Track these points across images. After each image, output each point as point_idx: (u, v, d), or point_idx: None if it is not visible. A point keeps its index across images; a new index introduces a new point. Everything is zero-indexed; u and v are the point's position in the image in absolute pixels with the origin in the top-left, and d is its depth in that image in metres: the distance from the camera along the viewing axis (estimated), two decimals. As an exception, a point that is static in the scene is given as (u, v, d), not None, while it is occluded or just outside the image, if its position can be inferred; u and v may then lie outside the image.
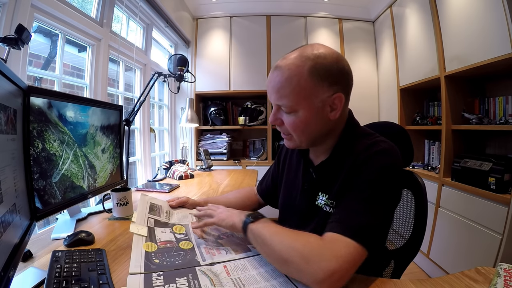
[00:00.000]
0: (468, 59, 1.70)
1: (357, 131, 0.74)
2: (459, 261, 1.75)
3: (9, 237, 0.48)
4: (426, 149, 2.41)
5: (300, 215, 0.80)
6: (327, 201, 0.72)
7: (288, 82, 0.65)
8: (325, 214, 0.71)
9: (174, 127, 3.08)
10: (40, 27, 1.44)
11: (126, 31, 2.16)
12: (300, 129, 0.69)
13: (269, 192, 1.03)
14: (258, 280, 0.59)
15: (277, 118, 0.72)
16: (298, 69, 0.64)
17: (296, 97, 0.65)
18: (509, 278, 0.58)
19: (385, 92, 2.90)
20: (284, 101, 0.67)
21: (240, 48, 3.04)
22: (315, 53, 0.65)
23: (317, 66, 0.64)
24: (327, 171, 0.74)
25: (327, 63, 0.65)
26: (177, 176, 1.91)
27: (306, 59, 0.65)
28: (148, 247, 0.69)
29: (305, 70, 0.64)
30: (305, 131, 0.69)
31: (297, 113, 0.67)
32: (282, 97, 0.67)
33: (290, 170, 0.89)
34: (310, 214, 0.76)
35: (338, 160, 0.71)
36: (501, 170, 1.49)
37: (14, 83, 0.56)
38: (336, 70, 0.66)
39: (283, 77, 0.66)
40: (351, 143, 0.70)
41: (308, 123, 0.68)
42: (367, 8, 3.08)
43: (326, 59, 0.65)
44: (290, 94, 0.65)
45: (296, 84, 0.65)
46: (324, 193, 0.74)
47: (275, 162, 1.02)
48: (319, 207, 0.74)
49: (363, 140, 0.70)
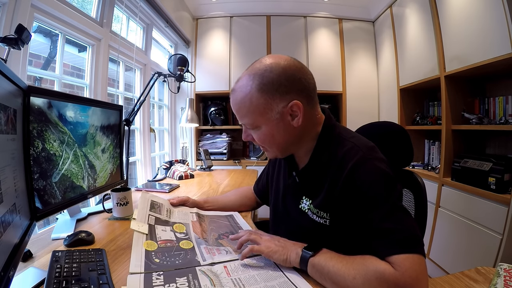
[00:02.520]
0: (468, 59, 1.70)
1: (334, 133, 0.73)
2: (459, 261, 1.75)
3: (9, 237, 0.48)
4: (426, 149, 2.41)
5: (288, 218, 0.81)
6: (312, 208, 0.72)
7: (242, 104, 0.69)
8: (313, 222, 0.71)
9: (174, 127, 3.08)
10: (40, 27, 1.44)
11: (126, 31, 2.16)
12: (267, 142, 0.72)
13: (264, 192, 1.04)
14: (258, 280, 0.59)
15: (248, 135, 0.75)
16: (247, 89, 0.68)
17: (253, 115, 0.69)
18: (509, 278, 0.58)
19: (385, 92, 2.90)
20: (245, 120, 0.71)
21: (240, 48, 3.04)
22: (262, 67, 0.68)
23: (264, 81, 0.66)
24: (309, 176, 0.74)
25: (274, 75, 0.66)
26: (177, 176, 1.91)
27: (253, 77, 0.67)
28: (148, 246, 0.69)
29: (253, 89, 0.67)
30: (273, 143, 0.72)
31: (260, 129, 0.71)
32: (242, 117, 0.71)
33: (279, 172, 0.90)
34: (296, 218, 0.77)
35: (319, 165, 0.72)
36: (501, 170, 1.49)
37: (14, 83, 0.56)
38: (285, 80, 0.66)
39: (237, 99, 0.70)
40: (330, 146, 0.71)
41: (272, 136, 0.70)
42: (367, 8, 3.08)
43: (273, 72, 0.66)
44: (247, 114, 0.69)
45: (249, 104, 0.68)
46: (307, 197, 0.75)
47: (268, 162, 1.03)
48: (303, 211, 0.75)
49: (341, 143, 0.69)
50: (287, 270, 0.63)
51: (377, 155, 0.66)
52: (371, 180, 0.62)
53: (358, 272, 0.55)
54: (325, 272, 0.58)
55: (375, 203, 0.60)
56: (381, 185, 0.61)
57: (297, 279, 0.60)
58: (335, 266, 0.58)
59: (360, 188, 0.62)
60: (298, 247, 0.65)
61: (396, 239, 0.56)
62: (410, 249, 0.54)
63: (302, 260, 0.62)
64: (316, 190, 0.72)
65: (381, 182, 0.61)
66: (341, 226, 0.67)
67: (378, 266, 0.54)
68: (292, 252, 0.64)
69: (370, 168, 0.63)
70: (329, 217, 0.69)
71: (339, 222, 0.67)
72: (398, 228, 0.57)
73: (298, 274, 0.62)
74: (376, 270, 0.54)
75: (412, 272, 0.52)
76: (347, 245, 0.63)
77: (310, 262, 0.61)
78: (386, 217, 0.58)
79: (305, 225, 0.74)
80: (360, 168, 0.63)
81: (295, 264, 0.63)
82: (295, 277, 0.61)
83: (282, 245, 0.67)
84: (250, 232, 0.75)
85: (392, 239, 0.56)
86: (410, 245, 0.55)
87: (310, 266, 0.61)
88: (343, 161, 0.65)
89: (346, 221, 0.65)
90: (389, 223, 0.58)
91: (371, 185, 0.61)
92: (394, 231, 0.57)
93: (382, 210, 0.59)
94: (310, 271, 0.61)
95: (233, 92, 0.72)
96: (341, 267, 0.57)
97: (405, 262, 0.53)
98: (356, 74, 3.02)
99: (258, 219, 2.23)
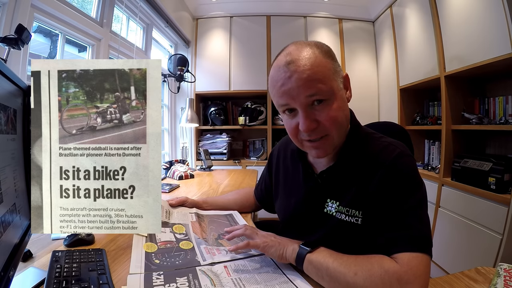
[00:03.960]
0: (468, 59, 1.70)
1: (362, 132, 0.72)
2: (459, 261, 1.75)
3: (9, 237, 0.48)
4: (426, 149, 2.41)
5: (305, 223, 0.76)
6: (340, 208, 0.68)
7: (316, 67, 0.60)
8: (341, 223, 0.67)
9: (174, 127, 3.08)
10: (40, 27, 1.44)
11: (126, 31, 2.16)
12: (339, 121, 0.63)
13: (263, 197, 1.02)
14: (258, 280, 0.59)
15: (312, 120, 0.62)
16: (314, 54, 0.61)
17: (329, 81, 0.61)
18: (509, 278, 0.58)
19: (385, 92, 2.90)
20: (318, 88, 0.60)
21: (240, 48, 3.04)
22: (311, 43, 0.65)
23: (323, 50, 0.64)
24: (335, 177, 0.70)
25: (326, 47, 0.65)
26: (177, 176, 1.91)
27: (310, 47, 0.63)
28: (148, 248, 0.69)
29: (319, 54, 0.62)
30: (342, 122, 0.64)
31: (333, 101, 0.62)
32: (316, 84, 0.60)
33: (287, 175, 0.84)
34: (318, 222, 0.72)
35: (347, 164, 0.69)
36: (501, 170, 1.49)
37: (14, 83, 0.56)
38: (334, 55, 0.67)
39: (306, 66, 0.60)
40: (359, 146, 0.69)
41: (342, 110, 0.64)
42: (367, 8, 3.08)
43: (323, 46, 0.65)
44: (324, 79, 0.60)
45: (322, 67, 0.61)
46: (333, 199, 0.69)
47: (267, 168, 0.98)
48: (330, 214, 0.69)
49: (372, 141, 0.68)
50: (288, 270, 0.63)
51: (411, 154, 0.66)
52: (408, 173, 0.62)
53: (360, 268, 0.54)
54: (324, 268, 0.57)
55: (407, 196, 0.60)
56: (416, 180, 0.62)
57: (298, 280, 0.60)
58: (335, 263, 0.57)
59: (398, 179, 0.61)
60: (295, 243, 0.64)
61: (412, 235, 0.56)
62: (421, 248, 0.55)
63: (299, 256, 0.61)
64: (344, 189, 0.68)
65: (416, 178, 0.62)
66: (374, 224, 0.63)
67: (383, 263, 0.54)
68: (289, 248, 0.63)
69: (408, 163, 0.63)
70: (361, 215, 0.64)
71: (372, 220, 0.63)
72: (417, 226, 0.57)
73: (299, 275, 0.62)
74: (381, 267, 0.54)
75: (417, 270, 0.53)
76: None
77: (307, 258, 0.60)
78: (411, 211, 0.59)
79: (329, 228, 0.70)
80: (401, 161, 0.63)
81: (291, 260, 0.62)
82: (296, 277, 0.61)
83: (279, 241, 0.66)
84: (246, 227, 0.73)
85: (409, 235, 0.56)
86: (422, 244, 0.55)
87: (306, 263, 0.60)
88: (380, 157, 0.64)
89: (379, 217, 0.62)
90: (412, 218, 0.58)
91: (408, 178, 0.61)
92: (412, 227, 0.57)
93: (411, 203, 0.59)
94: (306, 267, 0.60)
95: (294, 62, 0.60)
96: (341, 263, 0.56)
97: (413, 260, 0.54)
98: (356, 74, 3.02)
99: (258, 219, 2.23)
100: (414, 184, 0.61)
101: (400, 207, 0.60)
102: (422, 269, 0.53)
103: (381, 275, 0.52)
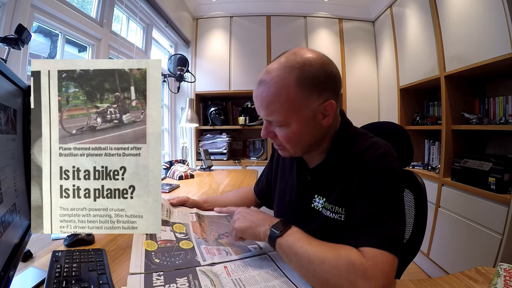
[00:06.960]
0: (468, 59, 1.70)
1: (351, 132, 0.73)
2: (459, 261, 1.75)
3: (9, 237, 0.48)
4: (426, 149, 2.41)
5: (296, 217, 0.79)
6: (326, 204, 0.71)
7: (276, 97, 0.62)
8: (326, 219, 0.70)
9: (174, 127, 3.08)
10: (40, 27, 1.44)
11: (126, 31, 2.16)
12: (293, 141, 0.67)
13: (264, 194, 1.03)
14: (258, 280, 0.59)
15: (269, 132, 0.69)
16: (284, 82, 0.61)
17: (286, 111, 0.63)
18: (509, 278, 0.58)
19: (385, 92, 2.90)
20: (274, 116, 0.64)
21: (240, 48, 3.04)
22: (300, 60, 0.62)
23: (304, 75, 0.61)
24: (323, 174, 0.73)
25: (313, 70, 0.62)
26: (177, 176, 1.91)
27: (291, 69, 0.62)
28: (148, 246, 0.68)
29: (291, 82, 0.61)
30: (299, 142, 0.68)
31: (289, 126, 0.65)
32: (272, 112, 0.64)
33: (284, 172, 0.88)
34: (307, 217, 0.75)
35: (334, 163, 0.71)
36: (501, 170, 1.49)
37: (14, 83, 0.56)
38: (324, 77, 0.63)
39: (270, 92, 0.62)
40: (347, 145, 0.70)
41: (301, 135, 0.66)
42: (367, 8, 3.08)
43: (312, 66, 0.62)
44: (280, 109, 0.63)
45: (285, 98, 0.62)
46: (320, 195, 0.73)
47: (269, 164, 1.01)
48: (316, 210, 0.73)
49: (359, 141, 0.69)
50: (288, 270, 0.63)
51: (395, 155, 0.67)
52: (388, 172, 0.62)
53: (327, 257, 0.55)
54: (292, 253, 0.58)
55: (383, 195, 0.61)
56: (395, 180, 0.63)
57: (298, 279, 0.60)
58: (303, 248, 0.57)
59: (376, 178, 0.62)
60: (267, 224, 0.65)
61: (382, 232, 0.57)
62: (389, 247, 0.55)
63: (270, 238, 0.63)
64: (330, 187, 0.70)
65: (396, 178, 0.63)
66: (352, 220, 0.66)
67: (350, 255, 0.55)
68: (261, 230, 0.65)
69: (389, 162, 0.63)
70: (344, 212, 0.67)
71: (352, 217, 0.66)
72: (390, 225, 0.58)
73: (298, 274, 0.62)
74: (347, 258, 0.54)
75: (383, 267, 0.53)
76: None
77: (278, 242, 0.61)
78: (388, 210, 0.59)
79: (317, 224, 0.72)
80: (381, 161, 0.63)
81: (265, 241, 0.64)
82: (296, 277, 0.61)
83: (253, 220, 0.67)
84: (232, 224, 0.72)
85: (380, 231, 0.57)
86: (391, 244, 0.56)
87: (277, 246, 0.61)
88: (364, 156, 0.65)
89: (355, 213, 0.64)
90: (387, 216, 0.59)
91: (385, 178, 0.62)
92: (385, 225, 0.58)
93: (388, 202, 0.60)
94: (278, 250, 0.62)
95: (263, 84, 0.64)
96: (309, 249, 0.57)
97: (379, 257, 0.54)
98: (356, 74, 3.02)
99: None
100: (391, 184, 0.62)
101: (375, 204, 0.60)
102: (388, 268, 0.53)
103: (347, 267, 0.53)
